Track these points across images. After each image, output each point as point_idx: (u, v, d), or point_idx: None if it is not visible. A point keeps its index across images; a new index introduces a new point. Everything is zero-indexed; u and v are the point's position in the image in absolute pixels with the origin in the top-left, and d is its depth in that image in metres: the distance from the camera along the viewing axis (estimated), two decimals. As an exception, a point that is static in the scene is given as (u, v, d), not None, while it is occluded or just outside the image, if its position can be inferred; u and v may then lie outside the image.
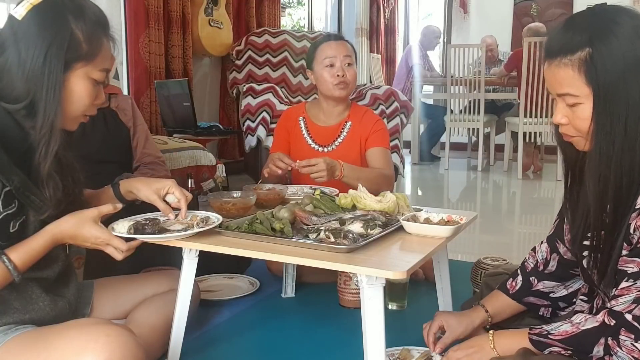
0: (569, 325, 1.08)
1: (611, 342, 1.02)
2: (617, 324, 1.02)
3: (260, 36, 4.32)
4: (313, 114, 2.21)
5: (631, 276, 1.02)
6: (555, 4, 6.66)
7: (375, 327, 1.16)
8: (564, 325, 1.09)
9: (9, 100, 1.13)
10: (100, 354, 1.04)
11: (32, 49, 1.11)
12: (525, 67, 4.77)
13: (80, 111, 1.22)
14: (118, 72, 2.80)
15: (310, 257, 1.20)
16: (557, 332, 1.09)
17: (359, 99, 3.83)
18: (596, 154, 1.05)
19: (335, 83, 2.07)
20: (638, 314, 1.00)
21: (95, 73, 1.19)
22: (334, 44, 2.10)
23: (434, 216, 1.48)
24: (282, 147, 2.19)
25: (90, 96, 1.21)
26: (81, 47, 1.16)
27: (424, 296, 1.97)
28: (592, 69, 1.02)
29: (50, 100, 1.12)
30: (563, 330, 1.08)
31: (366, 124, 2.17)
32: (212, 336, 1.70)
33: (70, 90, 1.17)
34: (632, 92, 1.01)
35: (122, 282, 1.56)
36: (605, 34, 1.02)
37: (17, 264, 1.11)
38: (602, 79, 1.02)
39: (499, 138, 5.85)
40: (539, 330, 1.12)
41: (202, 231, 1.33)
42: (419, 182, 5.21)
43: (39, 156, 1.13)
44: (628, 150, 1.03)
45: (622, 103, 1.02)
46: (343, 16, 6.45)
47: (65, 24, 1.14)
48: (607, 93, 1.02)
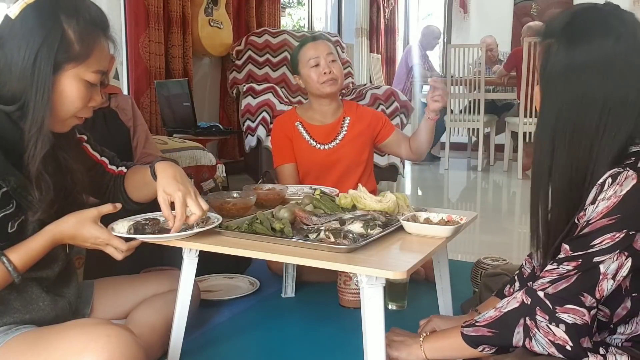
0: (493, 310, 1.11)
1: (529, 322, 1.04)
2: (532, 302, 1.04)
3: (260, 36, 4.32)
4: (308, 116, 2.21)
5: (556, 260, 1.04)
6: (555, 4, 6.66)
7: (375, 327, 1.16)
8: (490, 311, 1.12)
9: (5, 101, 1.11)
10: (100, 354, 1.04)
11: (23, 49, 1.10)
12: (525, 67, 4.77)
13: (71, 113, 1.18)
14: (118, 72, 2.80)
15: (310, 257, 1.20)
16: (482, 318, 1.12)
17: (359, 99, 3.84)
18: (536, 137, 1.12)
19: (323, 81, 2.09)
20: (550, 292, 1.02)
21: (88, 74, 1.16)
22: (314, 45, 2.13)
23: (434, 216, 1.48)
24: (289, 157, 2.18)
25: (82, 98, 1.17)
26: (73, 48, 1.13)
27: (424, 296, 1.97)
28: (545, 56, 1.09)
29: (39, 101, 1.10)
30: (488, 315, 1.11)
31: (365, 117, 2.21)
32: (212, 336, 1.70)
33: (61, 92, 1.14)
34: (569, 93, 1.05)
35: (122, 282, 1.56)
36: (576, 31, 1.05)
37: (16, 265, 1.11)
38: (548, 69, 1.08)
39: (499, 138, 5.85)
40: (470, 321, 1.14)
41: (202, 231, 1.33)
42: (419, 182, 5.21)
43: (28, 156, 1.11)
44: (561, 142, 1.06)
45: (557, 99, 1.06)
46: (343, 16, 6.46)
47: (58, 23, 1.11)
48: (547, 83, 1.09)
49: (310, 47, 2.13)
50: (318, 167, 2.17)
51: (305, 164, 2.18)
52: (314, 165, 2.17)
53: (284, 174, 2.18)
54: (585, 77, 1.03)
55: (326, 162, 2.16)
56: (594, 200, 1.00)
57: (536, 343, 1.02)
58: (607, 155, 1.02)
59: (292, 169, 2.18)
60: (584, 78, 1.03)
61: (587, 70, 1.03)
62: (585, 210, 1.02)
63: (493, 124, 5.71)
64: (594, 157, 1.03)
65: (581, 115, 1.04)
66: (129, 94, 3.47)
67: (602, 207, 0.99)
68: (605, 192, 0.99)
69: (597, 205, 1.00)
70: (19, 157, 1.13)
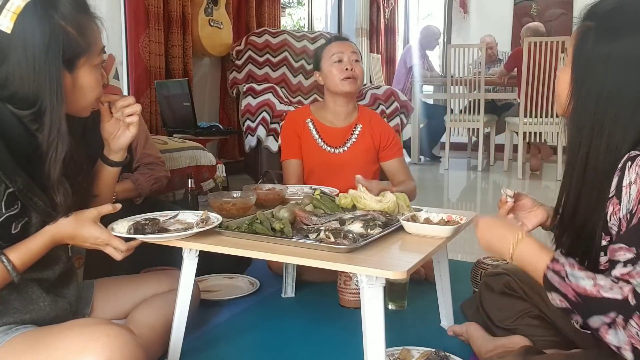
0: (591, 284, 1.00)
1: (620, 320, 0.95)
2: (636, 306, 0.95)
3: (260, 36, 4.32)
4: (320, 115, 2.22)
5: (630, 261, 0.98)
6: (555, 4, 6.66)
7: (375, 327, 1.16)
8: (585, 280, 1.00)
9: (20, 107, 1.13)
10: (100, 354, 1.04)
11: (30, 58, 1.10)
12: (525, 67, 4.77)
13: (93, 99, 1.25)
14: (118, 72, 2.80)
15: (310, 257, 1.20)
16: (575, 282, 1.01)
17: (359, 99, 3.83)
18: (572, 122, 1.09)
19: (343, 77, 2.11)
20: None
21: (96, 59, 1.21)
22: (341, 43, 2.18)
23: (434, 216, 1.48)
24: (295, 153, 2.19)
25: (99, 83, 1.24)
26: (78, 43, 1.15)
27: (424, 296, 1.97)
28: (583, 38, 1.07)
29: (54, 106, 1.12)
30: (583, 284, 1.00)
31: (377, 129, 2.22)
32: (212, 336, 1.70)
33: (81, 86, 1.19)
34: (609, 82, 1.04)
35: (122, 282, 1.56)
36: (621, 20, 1.04)
37: (15, 264, 1.11)
38: (586, 53, 1.06)
39: (499, 138, 5.85)
40: (559, 268, 1.04)
41: (202, 231, 1.33)
42: (419, 182, 5.18)
43: (49, 162, 1.13)
44: (600, 129, 1.04)
45: (596, 85, 1.05)
46: (343, 16, 6.46)
47: (54, 23, 1.11)
48: (584, 68, 1.07)
49: (336, 45, 2.17)
50: (322, 168, 2.17)
51: (310, 163, 2.19)
52: (318, 165, 2.18)
53: (288, 170, 2.20)
54: (624, 70, 1.02)
55: (331, 166, 2.17)
56: (618, 185, 1.00)
57: (614, 336, 0.96)
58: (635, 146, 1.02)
59: (297, 165, 2.19)
60: (624, 70, 1.02)
61: (628, 64, 1.02)
62: (619, 203, 1.00)
63: (493, 124, 5.71)
64: (626, 146, 1.02)
65: (620, 105, 1.03)
66: (129, 94, 3.47)
67: (635, 192, 0.97)
68: (628, 177, 0.98)
69: (629, 193, 0.98)
70: (27, 158, 1.13)
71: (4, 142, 1.09)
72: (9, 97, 1.13)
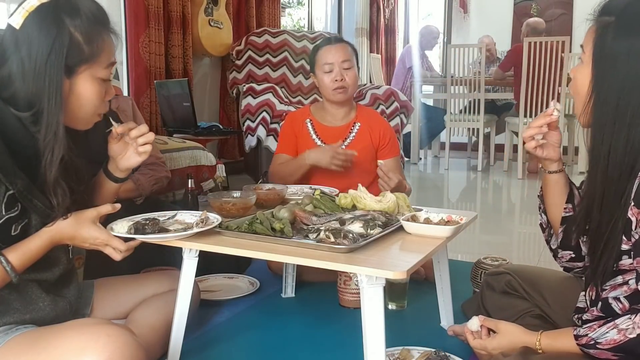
0: (616, 332, 1.05)
1: None
2: None
3: (260, 36, 4.32)
4: (319, 115, 2.24)
5: None
6: (555, 4, 6.66)
7: (375, 327, 1.16)
8: (609, 332, 1.05)
9: (20, 108, 1.12)
10: (100, 354, 1.04)
11: (33, 57, 1.10)
12: (525, 67, 4.77)
13: (92, 112, 1.22)
14: (118, 72, 2.80)
15: (310, 257, 1.20)
16: (604, 340, 1.05)
17: (359, 99, 3.83)
18: (594, 119, 1.08)
19: (334, 88, 2.11)
20: None
21: (100, 72, 1.19)
22: (333, 49, 2.14)
23: (434, 216, 1.48)
24: (289, 149, 2.21)
25: (99, 96, 1.20)
26: (82, 50, 1.14)
27: (424, 296, 1.97)
28: (602, 33, 1.06)
29: (52, 107, 1.12)
30: (610, 338, 1.05)
31: (376, 128, 2.22)
32: (212, 336, 1.70)
33: (78, 94, 1.17)
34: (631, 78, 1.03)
35: (122, 282, 1.56)
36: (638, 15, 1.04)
37: (14, 265, 1.11)
38: (607, 49, 1.05)
39: (499, 138, 5.85)
40: (586, 340, 1.08)
41: (202, 231, 1.33)
42: (419, 182, 5.21)
43: (45, 163, 1.13)
44: (622, 125, 1.04)
45: (618, 81, 1.04)
46: (343, 16, 6.46)
47: (63, 27, 1.12)
48: (605, 63, 1.06)
49: (327, 51, 2.13)
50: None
51: None
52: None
53: (275, 162, 2.22)
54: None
55: None
56: (638, 191, 1.00)
57: None
58: None
59: (285, 160, 2.20)
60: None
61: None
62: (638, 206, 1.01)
63: (493, 124, 5.70)
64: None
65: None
66: (129, 94, 3.47)
67: None
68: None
69: None
70: (27, 160, 1.13)
71: (5, 144, 1.09)
72: (10, 97, 1.13)
